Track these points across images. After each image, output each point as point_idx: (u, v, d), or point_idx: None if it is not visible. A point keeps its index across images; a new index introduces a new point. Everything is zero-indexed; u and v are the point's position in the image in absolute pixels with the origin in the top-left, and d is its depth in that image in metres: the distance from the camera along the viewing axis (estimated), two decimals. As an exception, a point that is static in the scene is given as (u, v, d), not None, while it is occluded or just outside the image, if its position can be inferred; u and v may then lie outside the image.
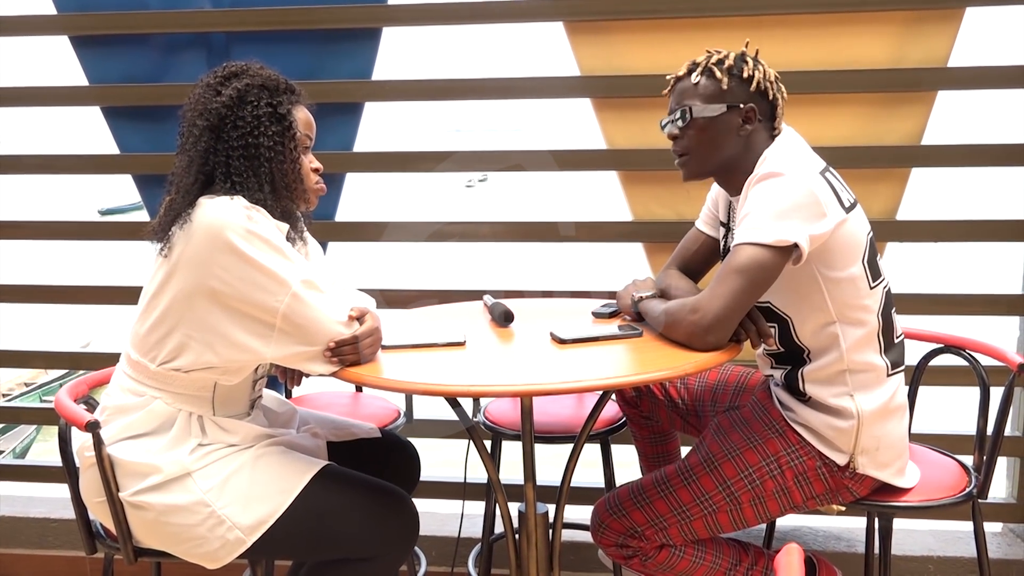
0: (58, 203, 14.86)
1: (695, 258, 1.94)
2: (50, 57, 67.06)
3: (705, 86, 1.69)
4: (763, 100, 1.70)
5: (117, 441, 1.59)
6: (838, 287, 1.63)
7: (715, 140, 1.70)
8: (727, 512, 1.71)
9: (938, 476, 1.82)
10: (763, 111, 1.70)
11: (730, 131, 1.69)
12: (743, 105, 1.68)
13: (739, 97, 1.68)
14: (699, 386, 2.01)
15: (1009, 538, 2.52)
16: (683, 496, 1.72)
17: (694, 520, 1.72)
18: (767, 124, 1.71)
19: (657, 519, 1.73)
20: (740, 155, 1.70)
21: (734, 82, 1.68)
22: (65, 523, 2.71)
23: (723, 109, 1.68)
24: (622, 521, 1.76)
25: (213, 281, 1.51)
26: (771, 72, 1.71)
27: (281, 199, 1.66)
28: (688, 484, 1.73)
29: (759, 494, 1.70)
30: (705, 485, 1.71)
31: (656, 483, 1.76)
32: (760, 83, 1.68)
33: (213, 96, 1.61)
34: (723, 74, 1.68)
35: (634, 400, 2.09)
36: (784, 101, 1.73)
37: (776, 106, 1.71)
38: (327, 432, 1.87)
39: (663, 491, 1.74)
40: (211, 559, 1.59)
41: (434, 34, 62.48)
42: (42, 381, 10.00)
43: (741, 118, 1.69)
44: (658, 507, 1.73)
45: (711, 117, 1.69)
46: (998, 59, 2.31)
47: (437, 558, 2.52)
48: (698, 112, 1.69)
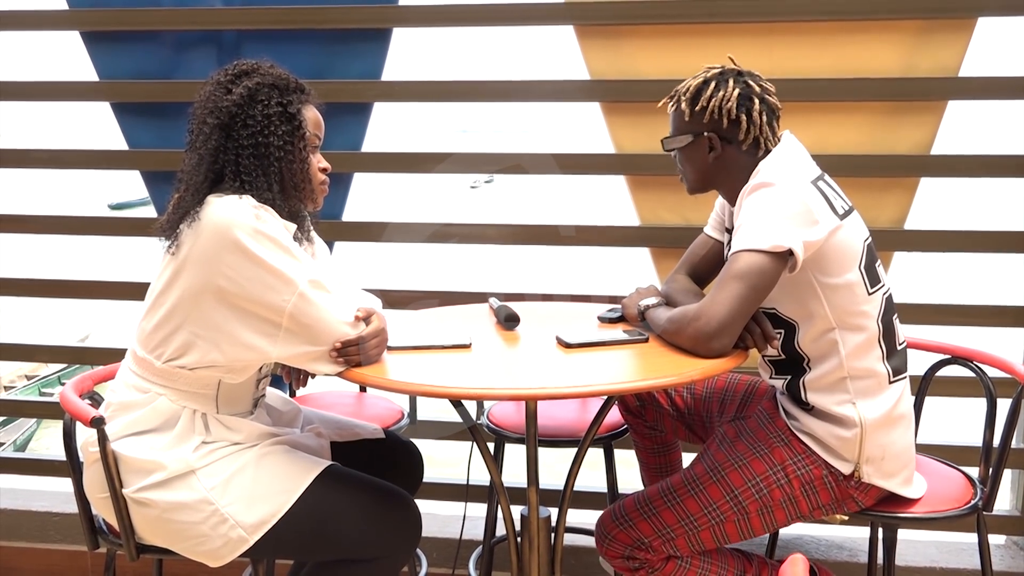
0: (68, 197, 14.93)
1: (703, 263, 1.94)
2: (61, 52, 68.20)
3: (675, 116, 1.78)
4: (722, 125, 1.71)
5: (121, 437, 1.59)
6: (835, 293, 1.64)
7: (693, 164, 1.77)
8: (734, 522, 1.71)
9: (943, 488, 1.82)
10: (729, 134, 1.71)
11: (701, 156, 1.75)
12: (704, 134, 1.72)
13: (699, 126, 1.73)
14: (707, 392, 2.01)
15: (1013, 551, 2.51)
16: (690, 506, 1.71)
17: (702, 530, 1.71)
18: (738, 144, 1.71)
19: (664, 530, 1.72)
20: (725, 173, 1.74)
21: (693, 112, 1.73)
22: (67, 517, 2.71)
23: (689, 139, 1.75)
24: (629, 532, 1.75)
25: (220, 279, 1.51)
26: (735, 94, 1.69)
27: (289, 198, 1.66)
28: (695, 494, 1.72)
29: (767, 503, 1.70)
30: (712, 495, 1.71)
31: (663, 493, 1.75)
32: (714, 111, 1.70)
33: (224, 94, 1.61)
34: (686, 104, 1.73)
35: (638, 410, 2.08)
36: (767, 115, 1.71)
37: (741, 126, 1.70)
38: (331, 432, 1.87)
39: (670, 501, 1.73)
40: (213, 557, 1.59)
41: (444, 35, 62.17)
42: (43, 374, 10.01)
43: (706, 146, 1.73)
44: (665, 518, 1.72)
45: (681, 147, 1.76)
46: (1009, 70, 2.30)
47: (438, 560, 2.52)
48: (668, 143, 1.79)
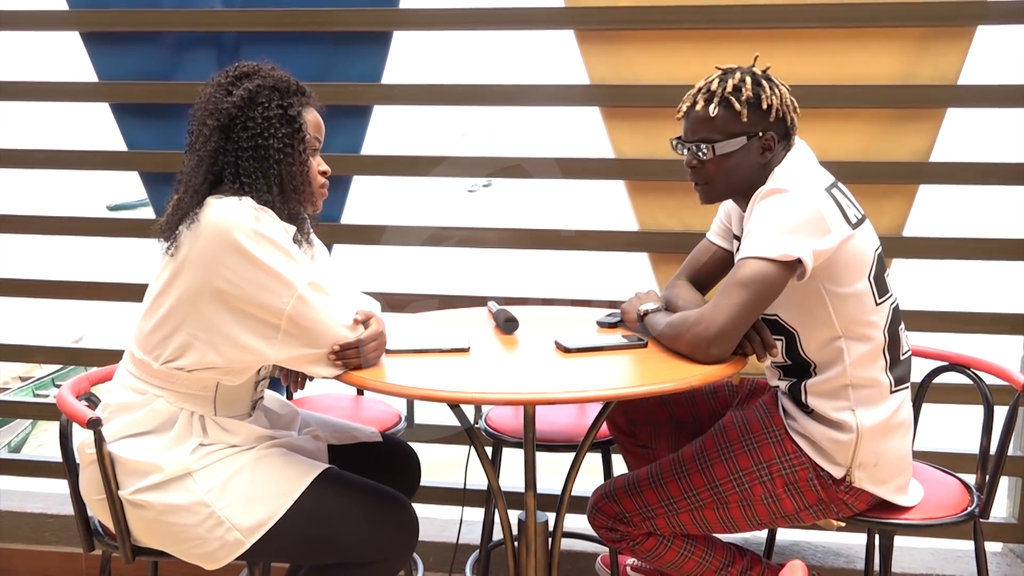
0: (67, 198, 14.88)
1: (705, 269, 1.94)
2: (61, 53, 68.05)
3: (724, 119, 1.67)
4: (781, 124, 1.69)
5: (118, 439, 1.59)
6: (844, 303, 1.63)
7: (736, 169, 1.69)
8: (713, 509, 1.74)
9: (940, 494, 1.82)
10: (780, 134, 1.70)
11: (750, 159, 1.69)
12: (763, 134, 1.67)
13: (758, 126, 1.67)
14: (710, 410, 2.01)
15: (1009, 558, 2.51)
16: (672, 489, 1.76)
17: (681, 513, 1.75)
18: (783, 144, 1.71)
19: (646, 508, 1.78)
20: (759, 177, 1.69)
21: (753, 112, 1.66)
22: (62, 519, 2.70)
23: (743, 142, 1.67)
24: (613, 506, 1.81)
25: (219, 281, 1.51)
26: (786, 92, 1.70)
27: (289, 201, 1.66)
28: (678, 478, 1.76)
29: (747, 498, 1.72)
30: (695, 482, 1.74)
31: (650, 475, 1.80)
32: (778, 110, 1.67)
33: (224, 96, 1.61)
34: (742, 105, 1.65)
35: (630, 429, 2.08)
36: (798, 116, 1.73)
37: (792, 126, 1.71)
38: (328, 435, 1.87)
39: (654, 482, 1.78)
40: (209, 560, 1.59)
41: (445, 39, 61.46)
42: (37, 376, 9.96)
43: (761, 146, 1.68)
44: (648, 497, 1.78)
45: (732, 151, 1.68)
46: (1008, 78, 2.30)
47: (434, 564, 2.51)
48: (720, 148, 1.68)
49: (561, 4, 2.39)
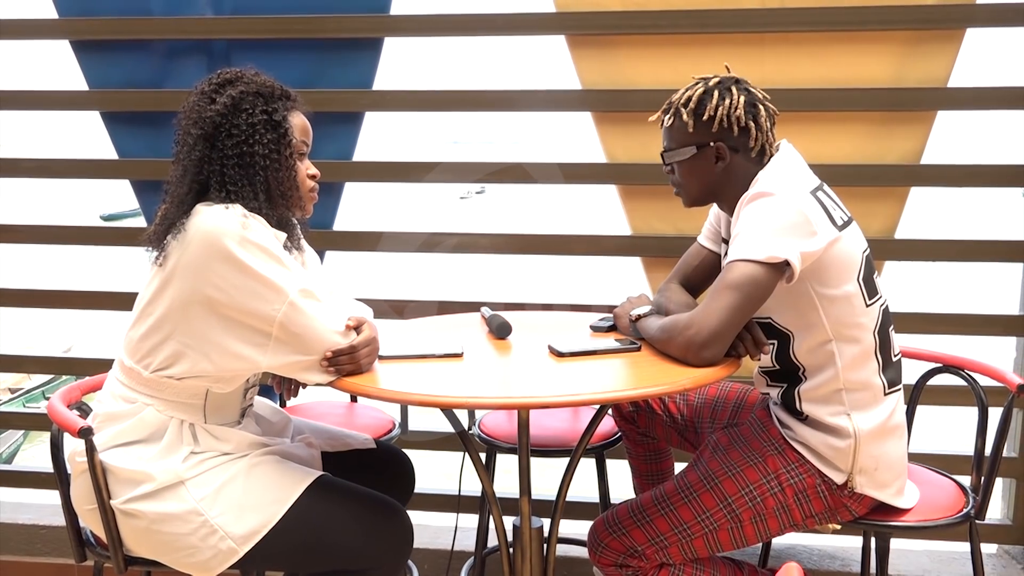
0: (60, 208, 14.85)
1: (696, 273, 1.94)
2: (50, 61, 67.30)
3: (676, 128, 1.74)
4: (732, 134, 1.70)
5: (109, 448, 1.58)
6: (833, 305, 1.64)
7: (695, 176, 1.75)
8: (728, 530, 1.70)
9: (935, 496, 1.82)
10: (737, 143, 1.71)
11: (707, 167, 1.72)
12: (712, 144, 1.70)
13: (705, 137, 1.71)
14: (699, 401, 2.01)
15: (1004, 559, 2.51)
16: (684, 514, 1.71)
17: (695, 538, 1.71)
18: (746, 152, 1.71)
19: (658, 537, 1.72)
20: (726, 183, 1.73)
21: (698, 123, 1.70)
22: (54, 530, 2.68)
23: (693, 151, 1.72)
24: (622, 540, 1.74)
25: (209, 289, 1.50)
26: (741, 101, 1.69)
27: (277, 207, 1.65)
28: (689, 502, 1.71)
29: (760, 511, 1.69)
30: (706, 502, 1.70)
31: (656, 501, 1.74)
32: (723, 120, 1.69)
33: (207, 104, 1.60)
34: (688, 116, 1.70)
35: (631, 416, 2.08)
36: (769, 121, 1.72)
37: (751, 133, 1.70)
38: (322, 442, 1.86)
39: (664, 509, 1.72)
40: (202, 569, 1.57)
41: (436, 45, 61.95)
42: (27, 388, 9.90)
43: (714, 156, 1.71)
44: (659, 525, 1.72)
45: (684, 159, 1.73)
46: (998, 80, 2.31)
47: (429, 571, 2.51)
48: (670, 157, 1.76)
49: (552, 9, 2.39)
